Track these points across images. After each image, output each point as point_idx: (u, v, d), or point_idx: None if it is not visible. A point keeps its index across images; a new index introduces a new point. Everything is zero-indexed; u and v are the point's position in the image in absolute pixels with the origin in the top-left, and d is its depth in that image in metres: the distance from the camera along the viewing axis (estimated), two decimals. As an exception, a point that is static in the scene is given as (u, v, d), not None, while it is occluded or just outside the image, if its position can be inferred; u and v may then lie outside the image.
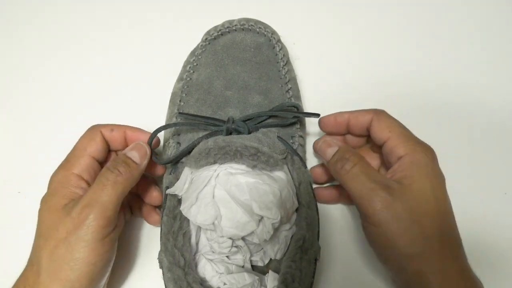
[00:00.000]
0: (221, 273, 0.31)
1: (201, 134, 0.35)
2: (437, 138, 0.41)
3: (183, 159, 0.34)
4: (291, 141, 0.36)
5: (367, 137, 0.35)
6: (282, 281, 0.29)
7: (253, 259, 0.33)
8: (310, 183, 0.34)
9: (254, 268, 0.33)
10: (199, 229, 0.33)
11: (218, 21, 0.40)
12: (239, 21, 0.40)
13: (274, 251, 0.32)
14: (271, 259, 0.33)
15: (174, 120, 0.37)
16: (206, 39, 0.40)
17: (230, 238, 0.31)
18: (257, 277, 0.31)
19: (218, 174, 0.32)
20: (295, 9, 0.49)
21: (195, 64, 0.39)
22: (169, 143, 0.36)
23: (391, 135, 0.31)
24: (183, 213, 0.31)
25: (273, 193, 0.31)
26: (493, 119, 0.43)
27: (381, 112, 0.33)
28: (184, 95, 0.38)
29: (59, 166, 0.32)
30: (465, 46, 0.47)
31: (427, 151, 0.31)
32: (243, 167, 0.32)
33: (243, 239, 0.31)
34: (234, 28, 0.40)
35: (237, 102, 0.37)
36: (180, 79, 0.39)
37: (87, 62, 0.46)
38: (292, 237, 0.32)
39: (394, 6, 0.49)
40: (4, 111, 0.44)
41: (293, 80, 0.39)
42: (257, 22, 0.40)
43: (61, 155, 0.41)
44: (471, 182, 0.37)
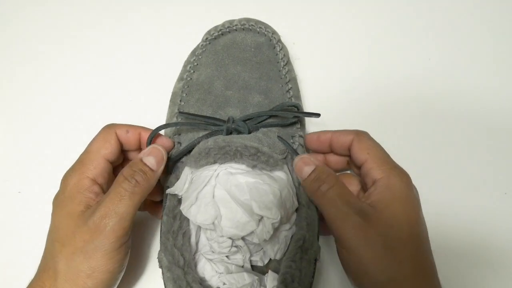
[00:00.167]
0: (220, 273, 0.31)
1: (201, 133, 0.35)
2: (437, 137, 0.42)
3: (183, 159, 0.34)
4: (291, 141, 0.36)
5: (348, 158, 0.35)
6: (281, 281, 0.29)
7: (252, 259, 0.33)
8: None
9: (253, 268, 0.33)
10: (199, 228, 0.33)
11: (218, 21, 0.40)
12: (240, 21, 0.40)
13: (274, 251, 0.32)
14: (270, 259, 0.33)
15: (174, 119, 0.37)
16: (206, 38, 0.40)
17: (230, 238, 0.31)
18: (256, 277, 0.31)
19: (218, 174, 0.32)
20: (295, 9, 0.49)
21: (196, 64, 0.39)
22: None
23: (368, 157, 0.31)
24: (183, 213, 0.31)
25: (273, 193, 0.30)
26: (493, 119, 0.43)
27: (362, 133, 0.33)
28: (184, 94, 0.38)
29: (73, 168, 0.31)
30: (465, 46, 0.47)
31: (402, 175, 0.30)
32: (243, 167, 0.32)
33: (243, 239, 0.31)
34: (234, 28, 0.40)
35: (238, 101, 0.37)
36: (180, 78, 0.39)
37: (87, 61, 0.46)
38: (292, 237, 0.32)
39: (394, 5, 0.49)
40: (4, 111, 0.44)
41: (294, 80, 0.39)
42: (258, 22, 0.40)
43: (61, 155, 0.41)
44: (471, 182, 0.37)
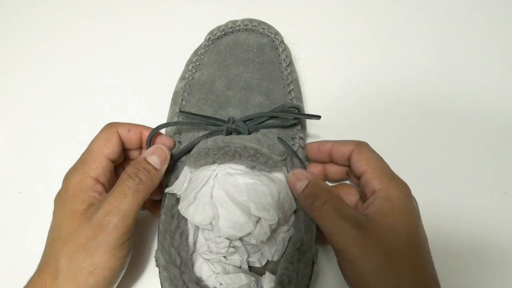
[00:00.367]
0: (217, 273, 0.31)
1: (201, 133, 0.35)
2: (437, 137, 0.42)
3: (182, 158, 0.34)
4: (292, 142, 0.36)
5: (348, 168, 0.35)
6: (278, 282, 0.29)
7: (250, 260, 0.33)
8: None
9: (251, 269, 0.33)
10: (197, 228, 0.33)
11: (221, 21, 0.40)
12: (243, 21, 0.40)
13: (271, 253, 0.32)
14: (268, 260, 0.33)
15: (175, 119, 0.37)
16: (209, 38, 0.40)
17: (227, 238, 0.31)
18: (253, 278, 0.31)
19: (217, 174, 0.31)
20: (295, 9, 0.49)
21: (198, 63, 0.39)
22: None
23: (368, 167, 0.31)
24: (181, 212, 0.31)
25: (271, 194, 0.30)
26: (493, 119, 0.42)
27: (362, 144, 0.33)
28: (186, 94, 0.38)
29: (75, 167, 0.31)
30: (465, 46, 0.47)
31: (401, 186, 0.30)
32: (242, 167, 0.32)
33: (241, 239, 0.31)
34: (237, 28, 0.40)
35: (239, 102, 0.37)
36: (182, 78, 0.40)
37: (88, 61, 0.46)
38: (290, 239, 0.32)
39: (394, 5, 0.49)
40: (4, 111, 0.44)
41: (296, 81, 0.39)
42: (261, 22, 0.40)
43: (61, 155, 0.41)
44: (471, 182, 0.37)
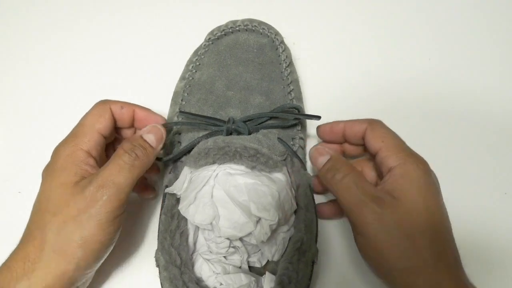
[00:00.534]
0: (217, 273, 0.31)
1: (201, 133, 0.35)
2: (437, 137, 0.42)
3: (182, 158, 0.35)
4: (292, 143, 0.36)
5: (363, 146, 0.35)
6: (278, 282, 0.29)
7: (250, 260, 0.33)
8: (309, 185, 0.33)
9: (251, 269, 0.33)
10: (197, 228, 0.33)
11: (221, 21, 0.40)
12: (243, 21, 0.40)
13: (271, 253, 0.32)
14: (268, 260, 0.33)
15: (175, 119, 0.37)
16: (209, 39, 0.40)
17: (227, 238, 0.31)
18: (253, 278, 0.31)
19: (217, 174, 0.32)
20: (295, 9, 0.49)
21: (198, 63, 0.39)
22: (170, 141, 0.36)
23: (383, 145, 0.31)
24: (181, 212, 0.31)
25: (271, 194, 0.30)
26: (493, 119, 0.42)
27: (376, 121, 0.33)
28: (186, 94, 0.38)
29: (66, 140, 0.31)
30: (465, 46, 0.47)
31: (419, 162, 0.29)
32: (242, 168, 0.32)
33: (241, 239, 0.31)
34: (237, 28, 0.40)
35: (239, 102, 0.37)
36: (182, 78, 0.40)
37: (88, 61, 0.46)
38: (290, 239, 0.32)
39: (394, 5, 0.49)
40: (4, 111, 0.44)
41: (296, 81, 0.39)
42: (261, 23, 0.40)
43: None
44: (471, 182, 0.37)
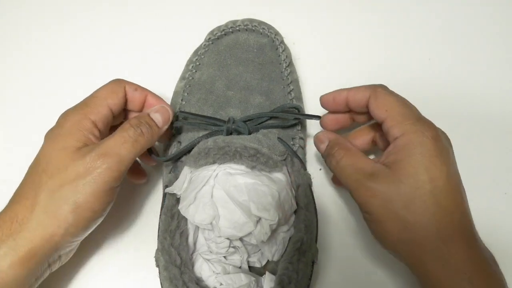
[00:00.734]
0: (217, 273, 0.31)
1: (201, 133, 0.35)
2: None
3: (182, 158, 0.35)
4: (292, 142, 0.36)
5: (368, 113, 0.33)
6: (278, 282, 0.29)
7: (250, 260, 0.33)
8: (309, 185, 0.33)
9: (251, 269, 0.33)
10: (197, 228, 0.33)
11: (221, 21, 0.40)
12: (243, 21, 0.40)
13: (271, 253, 0.32)
14: (268, 260, 0.33)
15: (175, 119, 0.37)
16: (209, 38, 0.40)
17: (227, 238, 0.31)
18: (253, 278, 0.31)
19: (217, 174, 0.31)
20: (295, 9, 0.49)
21: (198, 63, 0.39)
22: (170, 141, 0.36)
23: (387, 114, 0.29)
24: (181, 212, 0.31)
25: (271, 194, 0.30)
26: (493, 119, 0.42)
27: (379, 88, 0.31)
28: (186, 94, 0.38)
29: (76, 107, 0.31)
30: (465, 46, 0.47)
31: (425, 129, 0.28)
32: (242, 167, 0.32)
33: (241, 239, 0.31)
34: (237, 28, 0.40)
35: (239, 102, 0.37)
36: (182, 78, 0.40)
37: (88, 61, 0.46)
38: (290, 239, 0.32)
39: (394, 5, 0.49)
40: (4, 111, 0.44)
41: (296, 81, 0.39)
42: (261, 23, 0.40)
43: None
44: (471, 182, 0.37)
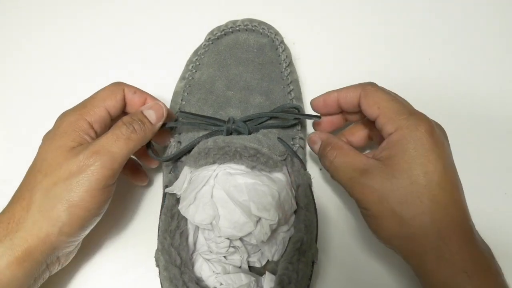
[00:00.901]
0: (217, 273, 0.31)
1: (201, 133, 0.35)
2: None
3: (182, 158, 0.35)
4: (292, 142, 0.36)
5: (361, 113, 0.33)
6: (278, 282, 0.29)
7: (250, 260, 0.33)
8: (309, 185, 0.33)
9: (251, 269, 0.33)
10: (197, 228, 0.33)
11: (221, 21, 0.40)
12: (243, 21, 0.40)
13: (271, 253, 0.32)
14: (268, 260, 0.33)
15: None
16: (209, 38, 0.40)
17: (227, 238, 0.31)
18: (253, 278, 0.31)
19: (217, 174, 0.31)
20: (295, 9, 0.49)
21: (198, 63, 0.39)
22: (170, 141, 0.36)
23: (380, 111, 0.29)
24: (181, 212, 0.31)
25: (271, 194, 0.30)
26: (493, 119, 0.42)
27: (368, 87, 0.31)
28: (186, 94, 0.38)
29: (73, 108, 0.31)
30: (465, 46, 0.47)
31: (419, 123, 0.28)
32: (242, 167, 0.32)
33: (241, 239, 0.31)
34: (237, 28, 0.40)
35: (239, 102, 0.37)
36: (182, 78, 0.40)
37: (88, 61, 0.46)
38: (290, 239, 0.32)
39: (394, 5, 0.49)
40: (4, 111, 0.44)
41: (296, 81, 0.39)
42: (261, 23, 0.40)
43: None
44: (471, 182, 0.37)
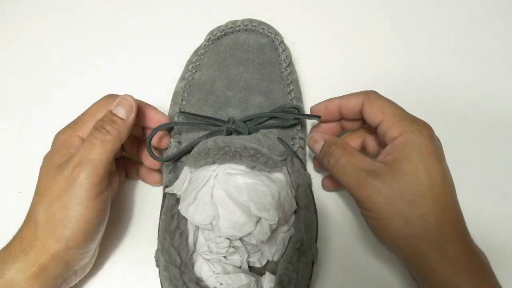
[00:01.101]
0: (217, 273, 0.31)
1: (201, 133, 0.35)
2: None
3: (182, 158, 0.35)
4: (292, 142, 0.36)
5: (362, 119, 0.35)
6: (278, 282, 0.29)
7: (250, 260, 0.33)
8: (309, 185, 0.33)
9: (251, 269, 0.33)
10: (197, 228, 0.33)
11: (221, 21, 0.40)
12: (243, 21, 0.40)
13: (271, 253, 0.32)
14: (268, 260, 0.33)
15: (175, 119, 0.37)
16: (209, 39, 0.40)
17: (227, 238, 0.31)
18: (253, 278, 0.31)
19: (217, 174, 0.31)
20: (295, 9, 0.49)
21: (198, 63, 0.39)
22: (170, 142, 0.36)
23: (384, 117, 0.31)
24: (181, 212, 0.31)
25: (271, 194, 0.30)
26: (493, 119, 0.42)
27: (371, 94, 0.32)
28: (186, 94, 0.38)
29: (67, 126, 0.32)
30: (465, 46, 0.47)
31: (421, 129, 0.29)
32: (242, 167, 0.32)
33: (241, 239, 0.31)
34: (237, 28, 0.40)
35: (239, 102, 0.37)
36: (182, 78, 0.40)
37: (88, 61, 0.46)
38: (290, 239, 0.32)
39: (395, 5, 0.49)
40: (4, 111, 0.44)
41: (296, 81, 0.39)
42: (261, 23, 0.40)
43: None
44: (471, 182, 0.37)
